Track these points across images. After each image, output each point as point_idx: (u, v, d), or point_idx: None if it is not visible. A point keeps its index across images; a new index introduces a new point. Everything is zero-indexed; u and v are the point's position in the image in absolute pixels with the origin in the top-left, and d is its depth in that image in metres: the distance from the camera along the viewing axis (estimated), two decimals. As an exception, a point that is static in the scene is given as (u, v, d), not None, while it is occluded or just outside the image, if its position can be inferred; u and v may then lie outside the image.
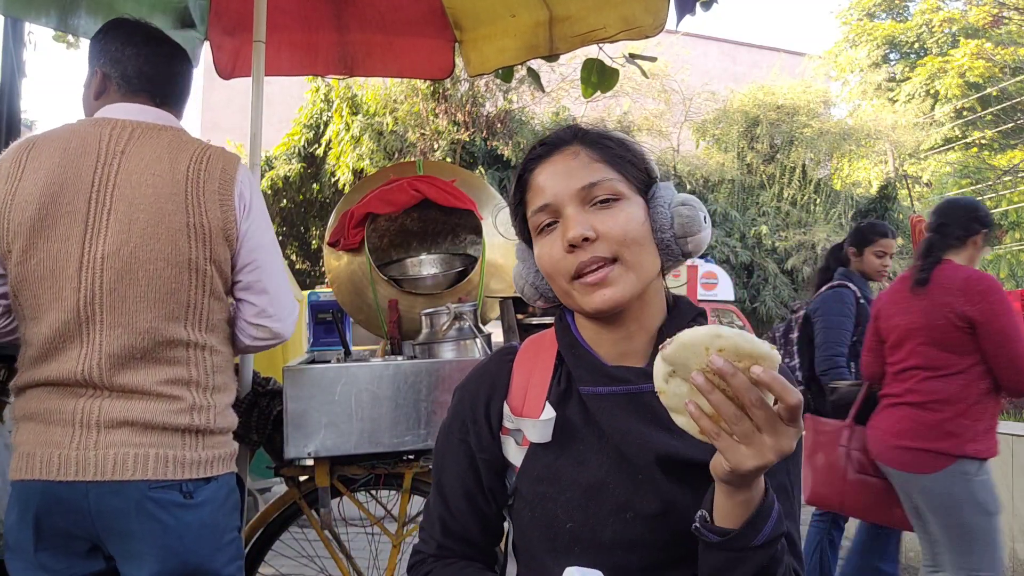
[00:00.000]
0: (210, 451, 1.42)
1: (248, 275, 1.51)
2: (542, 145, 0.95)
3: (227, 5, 2.63)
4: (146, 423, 1.36)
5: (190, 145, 1.49)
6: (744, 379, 0.67)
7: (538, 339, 1.02)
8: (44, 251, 1.38)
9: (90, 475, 1.32)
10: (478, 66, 2.88)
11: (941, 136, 21.92)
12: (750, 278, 17.41)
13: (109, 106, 1.52)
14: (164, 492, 1.35)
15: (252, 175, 1.56)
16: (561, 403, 0.92)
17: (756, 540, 0.74)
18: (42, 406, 1.38)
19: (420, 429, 1.89)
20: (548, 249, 0.90)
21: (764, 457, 0.69)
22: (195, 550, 1.37)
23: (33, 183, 1.40)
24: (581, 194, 0.88)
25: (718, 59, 25.07)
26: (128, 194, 1.40)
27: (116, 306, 1.37)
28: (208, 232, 1.43)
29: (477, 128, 13.43)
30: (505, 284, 2.53)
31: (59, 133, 1.47)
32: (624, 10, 2.40)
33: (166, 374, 1.39)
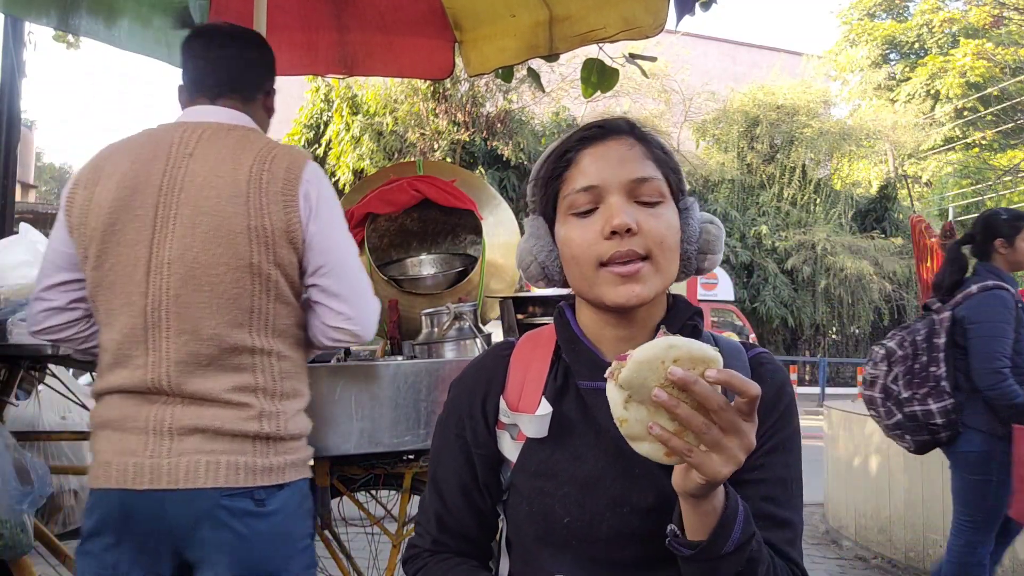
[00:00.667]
0: (282, 457, 1.39)
1: (321, 279, 1.45)
2: (596, 127, 0.93)
3: (227, 5, 2.63)
4: (217, 430, 1.34)
5: (256, 144, 1.45)
6: (706, 384, 0.67)
7: (535, 335, 1.02)
8: (115, 256, 1.38)
9: (164, 483, 1.31)
10: (478, 66, 2.88)
11: (941, 136, 21.92)
12: (750, 278, 17.41)
13: (187, 110, 1.52)
14: (236, 500, 1.33)
15: (322, 174, 1.50)
16: (558, 398, 0.92)
17: (727, 547, 0.74)
18: (117, 413, 1.38)
19: (420, 429, 1.89)
20: (581, 232, 0.88)
21: (736, 460, 0.69)
22: (268, 558, 1.36)
23: (107, 188, 1.40)
24: (630, 186, 0.87)
25: (718, 59, 25.07)
26: (193, 197, 1.38)
27: (181, 312, 1.36)
28: (271, 235, 1.39)
29: (477, 128, 13.44)
30: (505, 284, 2.53)
31: (135, 138, 1.47)
32: (624, 10, 2.40)
33: (233, 381, 1.37)
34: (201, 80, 1.52)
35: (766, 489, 0.87)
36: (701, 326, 0.95)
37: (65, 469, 3.29)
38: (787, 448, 0.91)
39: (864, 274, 16.86)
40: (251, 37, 1.60)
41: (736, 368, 0.92)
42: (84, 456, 3.53)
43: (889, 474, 4.31)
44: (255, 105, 1.57)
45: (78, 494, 3.58)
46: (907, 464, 4.18)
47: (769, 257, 17.37)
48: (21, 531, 2.09)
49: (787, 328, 17.78)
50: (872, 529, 4.43)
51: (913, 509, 4.11)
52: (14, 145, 3.12)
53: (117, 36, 2.42)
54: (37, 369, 2.62)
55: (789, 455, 0.90)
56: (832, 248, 17.05)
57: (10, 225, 3.14)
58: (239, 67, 1.54)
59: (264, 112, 1.61)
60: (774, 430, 0.90)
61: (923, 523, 4.05)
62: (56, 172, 40.39)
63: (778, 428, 0.90)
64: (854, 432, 4.73)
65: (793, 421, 0.92)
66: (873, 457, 4.48)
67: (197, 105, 1.51)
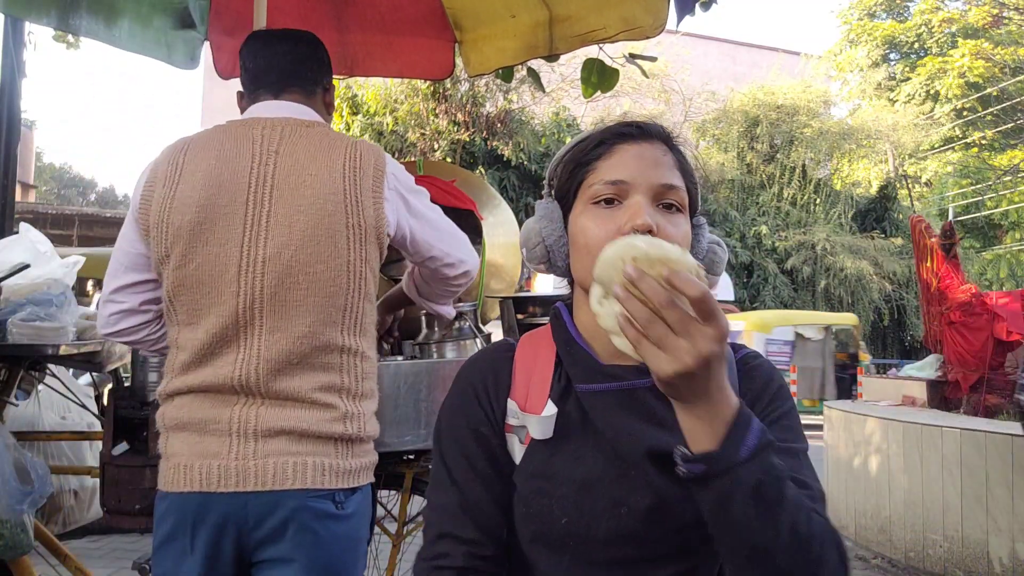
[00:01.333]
0: (358, 460, 1.39)
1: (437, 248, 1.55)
2: (636, 126, 0.94)
3: (227, 5, 2.63)
4: (302, 432, 1.33)
5: (340, 140, 1.45)
6: (651, 282, 0.68)
7: (534, 336, 1.01)
8: (203, 255, 1.35)
9: (251, 485, 1.30)
10: (478, 66, 2.88)
11: (941, 136, 21.92)
12: (750, 278, 17.41)
13: (252, 107, 1.51)
14: (319, 502, 1.32)
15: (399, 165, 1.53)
16: (562, 400, 0.92)
17: (742, 453, 0.69)
18: (195, 415, 1.34)
19: (420, 429, 1.89)
20: (600, 223, 0.88)
21: (681, 361, 0.67)
22: (339, 560, 1.36)
23: (191, 186, 1.37)
24: (658, 190, 0.88)
25: (718, 59, 25.07)
26: (288, 195, 1.37)
27: (276, 310, 1.34)
28: (365, 232, 1.40)
29: (477, 128, 13.44)
30: (505, 284, 2.53)
31: (212, 134, 1.45)
32: (624, 10, 2.40)
33: (320, 380, 1.36)
34: (262, 76, 1.52)
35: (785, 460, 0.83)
36: None
37: (65, 469, 3.30)
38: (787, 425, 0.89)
39: (864, 274, 16.86)
40: (302, 35, 1.60)
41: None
42: (84, 456, 3.54)
43: (889, 474, 4.32)
44: (316, 100, 1.57)
45: (78, 494, 3.58)
46: (907, 464, 4.18)
47: (769, 257, 17.36)
48: (21, 531, 2.09)
49: (787, 328, 17.76)
50: (872, 529, 4.43)
51: (913, 509, 4.12)
52: (14, 145, 3.12)
53: (117, 36, 2.42)
54: (37, 369, 2.62)
55: (790, 431, 0.88)
56: (832, 248, 17.05)
57: (10, 225, 3.14)
58: (294, 61, 1.55)
59: (324, 107, 1.61)
60: (770, 409, 0.90)
61: (923, 523, 4.05)
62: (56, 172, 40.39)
63: (773, 407, 0.90)
64: (854, 432, 4.73)
65: (788, 400, 0.92)
66: (873, 457, 4.49)
67: (262, 101, 1.51)
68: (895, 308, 17.98)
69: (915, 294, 16.18)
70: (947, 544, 3.90)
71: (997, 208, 20.33)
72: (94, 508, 3.60)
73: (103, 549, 3.93)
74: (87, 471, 2.81)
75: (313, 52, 1.59)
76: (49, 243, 2.38)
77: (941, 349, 5.24)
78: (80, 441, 3.45)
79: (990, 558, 3.69)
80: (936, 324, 5.30)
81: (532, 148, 13.80)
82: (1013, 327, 4.89)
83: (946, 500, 3.94)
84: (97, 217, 16.00)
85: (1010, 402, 4.74)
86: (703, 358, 0.67)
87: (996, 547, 3.68)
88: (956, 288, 5.14)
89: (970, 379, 4.91)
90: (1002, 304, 5.09)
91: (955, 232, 5.43)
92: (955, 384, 5.03)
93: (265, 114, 1.47)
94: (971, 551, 3.78)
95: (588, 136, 0.96)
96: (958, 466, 3.88)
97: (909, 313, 17.84)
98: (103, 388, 3.69)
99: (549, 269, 0.96)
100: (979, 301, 5.03)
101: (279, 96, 1.51)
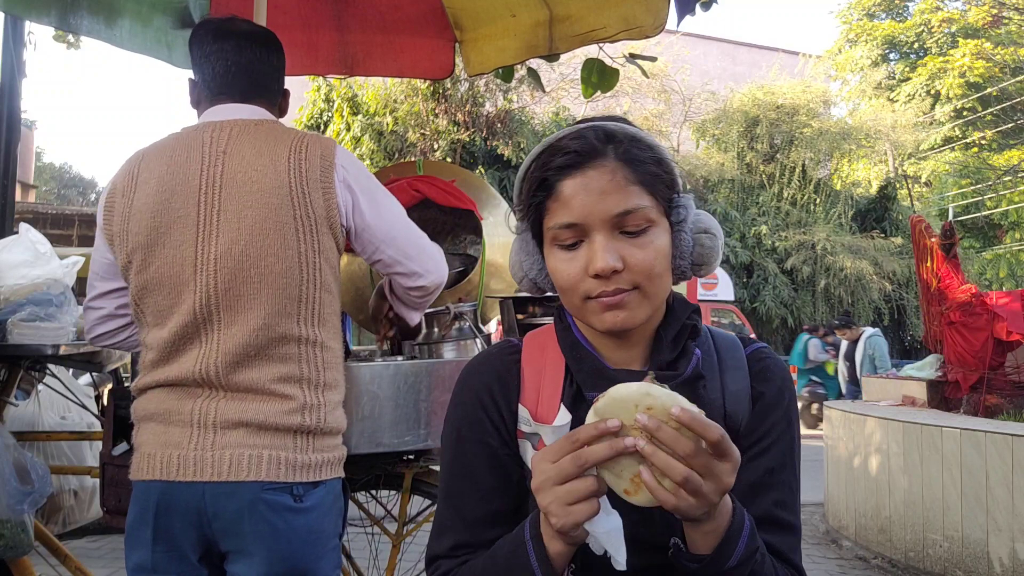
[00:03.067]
0: (320, 454, 1.41)
1: (384, 252, 1.52)
2: (573, 153, 0.85)
3: (227, 5, 2.63)
4: (260, 424, 1.36)
5: (287, 135, 1.48)
6: (673, 432, 0.69)
7: (539, 336, 0.99)
8: (161, 258, 1.41)
9: (207, 475, 1.33)
10: (478, 66, 2.88)
11: (941, 136, 21.91)
12: (750, 278, 17.40)
13: (208, 110, 1.54)
14: (276, 494, 1.35)
15: (352, 155, 1.54)
16: (575, 404, 0.90)
17: (730, 562, 0.75)
18: (161, 407, 1.40)
19: (420, 429, 1.88)
20: (566, 266, 0.86)
21: (709, 501, 0.70)
22: (300, 554, 1.37)
23: (146, 194, 1.42)
24: (614, 220, 0.84)
25: (718, 59, 25.05)
26: (235, 193, 1.40)
27: (232, 305, 1.38)
28: (314, 223, 1.42)
29: (477, 128, 13.43)
30: (505, 284, 2.53)
31: (165, 142, 1.49)
32: (624, 10, 2.39)
33: (278, 371, 1.39)
34: (231, 82, 1.53)
35: (778, 494, 0.88)
36: (699, 324, 0.94)
37: (65, 469, 3.29)
38: (793, 450, 0.92)
39: (864, 274, 16.85)
40: (271, 40, 1.61)
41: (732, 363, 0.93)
42: (84, 456, 3.53)
43: (889, 474, 4.32)
44: (276, 109, 1.61)
45: (78, 494, 3.58)
46: (907, 464, 4.18)
47: (769, 257, 17.36)
48: (21, 531, 2.09)
49: (787, 328, 17.75)
50: (872, 529, 4.43)
51: (913, 509, 4.12)
52: (14, 145, 3.11)
53: (118, 36, 2.42)
54: (37, 369, 2.62)
55: (795, 457, 0.91)
56: (832, 248, 17.04)
57: (10, 225, 3.13)
58: (266, 72, 1.57)
59: (279, 112, 1.64)
60: (779, 432, 0.90)
61: (923, 523, 4.05)
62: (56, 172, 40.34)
63: (783, 430, 0.91)
64: (854, 432, 4.73)
65: (795, 421, 0.93)
66: (873, 457, 4.49)
67: (220, 104, 1.52)
68: (895, 308, 17.98)
69: (915, 294, 16.18)
70: (947, 544, 3.90)
71: (997, 208, 20.32)
72: (94, 508, 3.59)
73: (103, 549, 3.94)
74: (87, 471, 2.81)
75: (280, 62, 1.62)
76: (49, 243, 2.38)
77: (941, 349, 5.23)
78: (80, 441, 3.44)
79: (990, 558, 3.69)
80: (936, 324, 5.30)
81: (532, 148, 13.76)
82: (1013, 327, 4.89)
83: (946, 500, 3.94)
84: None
85: (1010, 402, 4.74)
86: (724, 492, 0.71)
87: (996, 547, 3.68)
88: (956, 288, 5.14)
89: (970, 379, 4.91)
90: (1002, 304, 5.09)
91: (955, 232, 5.43)
92: (955, 384, 5.02)
93: (218, 117, 1.50)
94: (971, 551, 3.78)
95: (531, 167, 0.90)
96: (958, 466, 3.88)
97: (909, 313, 17.84)
98: (103, 388, 3.69)
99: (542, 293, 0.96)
100: (979, 301, 5.02)
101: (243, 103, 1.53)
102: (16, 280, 2.20)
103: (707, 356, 0.93)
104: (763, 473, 0.88)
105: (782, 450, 0.90)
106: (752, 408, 0.91)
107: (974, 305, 5.00)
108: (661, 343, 0.91)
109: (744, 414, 0.91)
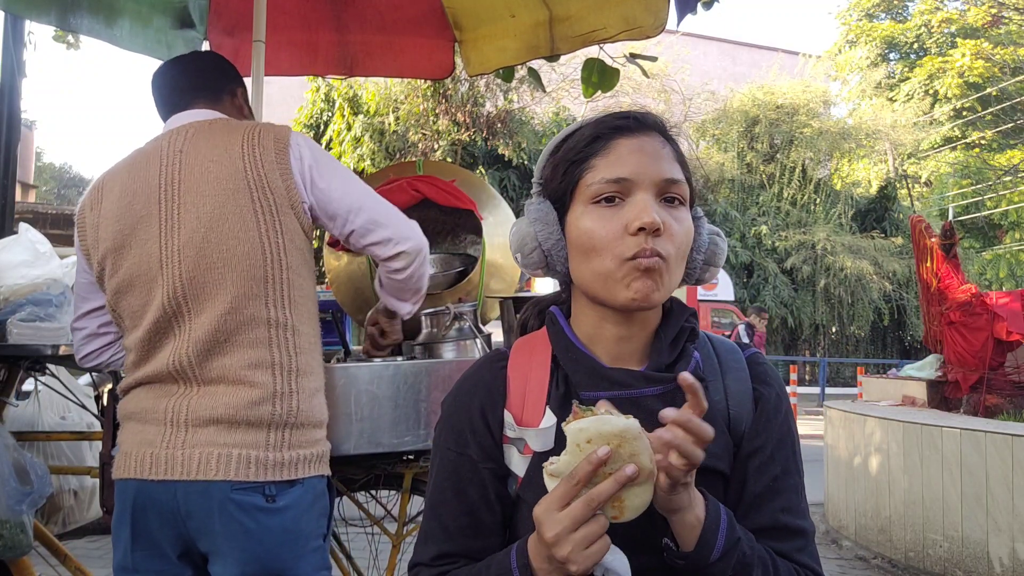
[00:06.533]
0: (295, 452, 1.39)
1: (355, 221, 1.50)
2: (633, 117, 0.89)
3: (226, 5, 2.63)
4: (231, 420, 1.35)
5: (239, 126, 1.51)
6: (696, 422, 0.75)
7: (527, 342, 0.98)
8: (129, 259, 1.43)
9: (178, 474, 1.33)
10: (478, 66, 2.87)
11: (941, 136, 21.91)
12: (750, 278, 17.40)
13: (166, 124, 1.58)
14: (246, 494, 1.33)
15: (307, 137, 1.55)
16: (562, 408, 0.89)
17: (714, 555, 0.78)
18: (139, 406, 1.42)
19: (420, 429, 1.88)
20: (604, 223, 0.85)
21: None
22: (276, 555, 1.35)
23: (110, 202, 1.47)
24: (662, 185, 0.85)
25: (718, 59, 25.06)
26: (193, 187, 1.42)
27: (198, 293, 1.39)
28: (273, 204, 1.43)
29: (477, 128, 13.43)
30: (505, 284, 2.53)
31: (129, 156, 1.53)
32: (625, 10, 2.39)
33: (248, 357, 1.38)
34: (167, 97, 1.60)
35: (783, 500, 0.88)
36: (697, 327, 0.95)
37: (65, 469, 3.29)
38: (795, 452, 0.92)
39: (864, 274, 16.86)
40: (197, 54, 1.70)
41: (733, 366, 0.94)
42: (84, 456, 3.53)
43: (889, 474, 4.32)
44: (224, 105, 1.63)
45: (78, 494, 3.58)
46: (907, 464, 4.18)
47: (769, 257, 17.36)
48: (21, 531, 2.09)
49: (787, 328, 17.76)
50: (872, 529, 4.43)
51: (913, 509, 4.12)
52: (14, 145, 3.11)
53: (118, 35, 2.42)
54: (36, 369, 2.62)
55: (798, 459, 0.92)
56: (832, 248, 17.04)
57: (10, 225, 3.13)
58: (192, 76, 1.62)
59: (236, 110, 1.66)
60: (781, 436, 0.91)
61: (923, 523, 4.05)
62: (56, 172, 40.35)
63: (784, 434, 0.91)
64: (854, 432, 4.73)
65: (794, 425, 0.94)
66: (873, 457, 4.49)
67: (176, 113, 1.58)
68: (895, 308, 17.98)
69: (915, 294, 16.18)
70: (947, 544, 3.90)
71: (997, 208, 20.34)
72: (94, 508, 3.59)
73: (103, 549, 3.93)
74: (87, 471, 2.80)
75: (211, 64, 1.67)
76: (49, 243, 2.38)
77: (941, 349, 5.23)
78: (80, 441, 3.44)
79: (990, 558, 3.69)
80: (936, 324, 5.29)
81: (532, 148, 13.79)
82: (1013, 327, 4.88)
83: (946, 500, 3.94)
84: (97, 217, 15.94)
85: (1010, 402, 4.73)
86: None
87: (996, 547, 3.68)
88: (956, 288, 5.14)
89: (970, 379, 4.91)
90: (1002, 304, 5.09)
91: (955, 232, 5.43)
92: (955, 384, 5.02)
93: (176, 124, 1.55)
94: (971, 551, 3.78)
95: (579, 130, 0.91)
96: (958, 466, 3.88)
97: (909, 313, 17.84)
98: (103, 388, 3.69)
99: (547, 273, 0.93)
100: (979, 301, 5.02)
101: (187, 107, 1.58)
102: (16, 280, 2.20)
103: (707, 360, 0.94)
104: (769, 481, 0.88)
105: (785, 455, 0.90)
106: (755, 409, 0.92)
107: (974, 305, 5.00)
108: (660, 344, 0.91)
109: (747, 415, 0.91)
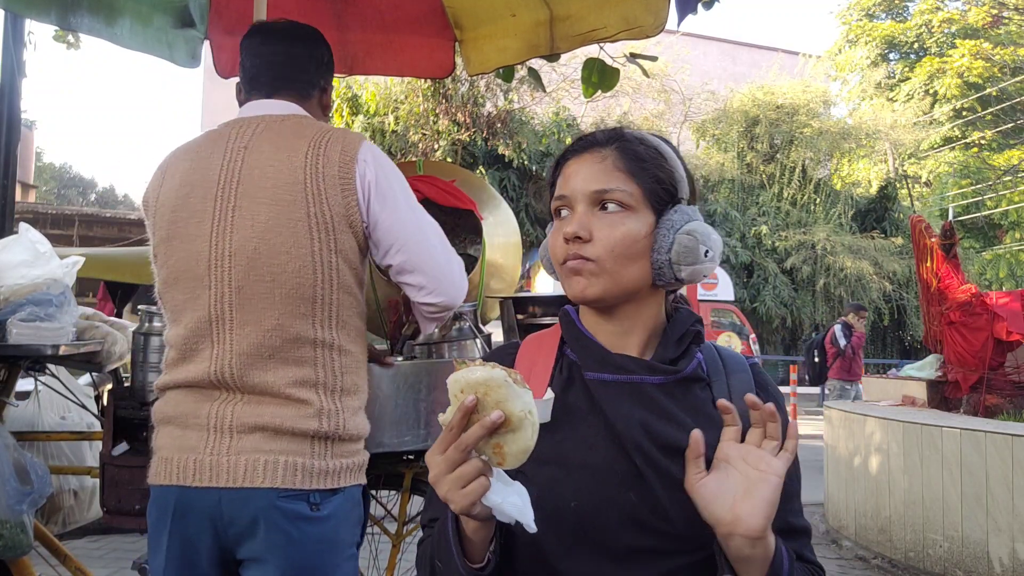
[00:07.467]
0: (338, 460, 1.37)
1: (395, 257, 1.45)
2: (581, 140, 1.01)
3: (227, 4, 2.63)
4: (276, 428, 1.33)
5: (309, 130, 1.44)
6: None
7: (539, 336, 1.05)
8: (178, 253, 1.40)
9: (222, 481, 1.30)
10: (478, 65, 2.87)
11: (941, 136, 21.91)
12: (750, 278, 17.40)
13: (243, 107, 1.53)
14: (291, 502, 1.31)
15: (379, 151, 1.48)
16: (565, 389, 0.96)
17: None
18: (179, 409, 1.38)
19: (420, 429, 1.88)
20: (555, 234, 0.98)
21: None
22: (315, 563, 1.34)
23: (169, 188, 1.43)
24: (593, 196, 0.94)
25: (718, 59, 25.07)
26: (251, 189, 1.38)
27: (245, 304, 1.35)
28: (330, 221, 1.37)
29: (477, 128, 13.42)
30: (505, 284, 2.53)
31: (197, 139, 1.49)
32: (625, 10, 2.39)
33: (293, 375, 1.35)
34: (256, 77, 1.53)
35: (790, 503, 0.92)
36: (703, 332, 0.98)
37: (65, 469, 3.29)
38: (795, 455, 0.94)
39: (864, 274, 16.85)
40: (301, 33, 1.59)
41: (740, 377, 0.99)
42: (84, 456, 3.53)
43: (889, 474, 4.32)
44: (311, 102, 1.57)
45: (78, 494, 3.58)
46: (907, 464, 4.18)
47: (769, 257, 17.36)
48: (21, 531, 2.09)
49: (787, 328, 17.77)
50: (872, 529, 4.43)
51: (913, 509, 4.12)
52: (14, 145, 3.11)
53: (118, 34, 2.42)
54: (36, 369, 2.62)
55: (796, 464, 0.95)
56: (832, 248, 17.04)
57: (10, 225, 3.13)
58: (288, 62, 1.54)
59: (320, 109, 1.61)
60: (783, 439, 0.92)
61: (923, 523, 4.05)
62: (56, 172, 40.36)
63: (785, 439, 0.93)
64: (854, 432, 4.73)
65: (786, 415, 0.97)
66: (873, 457, 4.49)
67: (252, 101, 1.52)
68: (895, 308, 17.97)
69: (915, 294, 16.17)
70: (947, 544, 3.90)
71: (997, 208, 20.33)
72: (94, 508, 3.59)
73: (103, 549, 3.93)
74: (87, 471, 2.81)
75: (311, 52, 1.58)
76: (49, 243, 2.37)
77: (941, 349, 5.23)
78: (80, 441, 3.44)
79: (990, 558, 3.69)
80: (936, 324, 5.29)
81: (532, 148, 13.79)
82: (1013, 327, 4.88)
83: (946, 500, 3.94)
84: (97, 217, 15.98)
85: (1010, 402, 4.73)
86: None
87: (996, 547, 3.68)
88: (956, 288, 5.14)
89: (970, 379, 4.91)
90: (1002, 304, 5.09)
91: (955, 232, 5.43)
92: (955, 384, 5.02)
93: (247, 114, 1.49)
94: (971, 551, 3.78)
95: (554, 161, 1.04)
96: (958, 466, 3.88)
97: (909, 313, 17.83)
98: (103, 388, 3.69)
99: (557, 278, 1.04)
100: (979, 301, 5.02)
101: (272, 96, 1.52)
102: (16, 280, 2.20)
103: (711, 361, 0.98)
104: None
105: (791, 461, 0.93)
106: None
107: (974, 305, 5.00)
108: (668, 339, 0.96)
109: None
